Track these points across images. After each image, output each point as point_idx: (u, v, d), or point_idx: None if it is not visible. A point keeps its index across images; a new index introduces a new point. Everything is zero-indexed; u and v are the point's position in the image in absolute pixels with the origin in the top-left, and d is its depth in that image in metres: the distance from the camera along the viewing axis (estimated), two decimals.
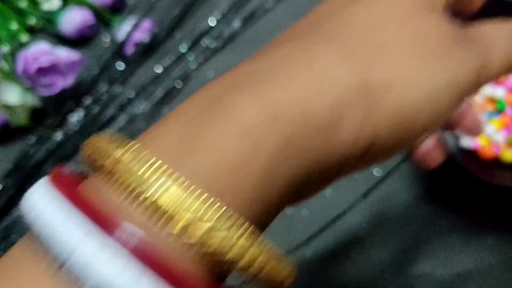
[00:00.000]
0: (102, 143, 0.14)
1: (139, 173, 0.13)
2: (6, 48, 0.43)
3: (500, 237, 0.44)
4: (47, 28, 0.48)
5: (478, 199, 0.44)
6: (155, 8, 0.48)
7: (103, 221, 0.12)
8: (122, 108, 0.46)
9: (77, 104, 0.45)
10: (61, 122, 0.45)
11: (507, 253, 0.44)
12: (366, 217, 0.44)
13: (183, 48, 0.48)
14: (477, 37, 0.18)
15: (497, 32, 0.18)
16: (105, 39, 0.47)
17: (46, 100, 0.45)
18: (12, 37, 0.45)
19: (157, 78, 0.47)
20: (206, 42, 0.48)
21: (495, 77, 0.17)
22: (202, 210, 0.12)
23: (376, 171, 0.45)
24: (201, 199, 0.13)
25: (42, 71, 0.41)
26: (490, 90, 0.45)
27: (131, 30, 0.46)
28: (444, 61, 0.16)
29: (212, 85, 0.16)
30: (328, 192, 0.44)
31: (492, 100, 0.45)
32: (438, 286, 0.42)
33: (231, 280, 0.14)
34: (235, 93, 0.14)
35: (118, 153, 0.13)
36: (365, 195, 0.44)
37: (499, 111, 0.45)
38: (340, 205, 0.44)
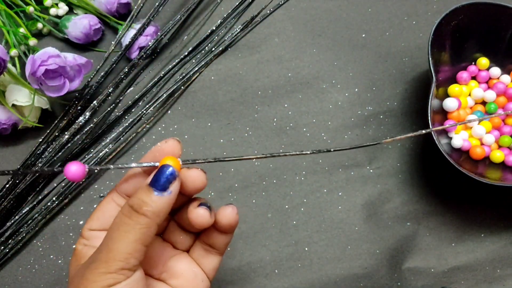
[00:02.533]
0: None
1: None
2: (15, 52, 0.44)
3: (492, 233, 0.45)
4: (54, 33, 0.49)
5: (470, 196, 0.46)
6: (159, 14, 0.49)
7: None
8: (127, 109, 0.47)
9: (84, 105, 0.46)
10: (68, 123, 0.46)
11: (499, 248, 0.45)
12: (363, 214, 0.45)
13: (185, 52, 0.49)
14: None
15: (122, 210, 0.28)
16: (111, 43, 0.48)
17: (54, 101, 0.47)
18: (21, 41, 0.46)
19: (160, 80, 0.48)
20: (207, 46, 0.49)
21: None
22: None
23: (372, 170, 0.46)
24: None
25: (50, 74, 0.42)
26: (481, 93, 0.46)
27: (136, 34, 0.48)
28: None
29: None
30: (326, 192, 0.45)
31: (483, 102, 0.46)
32: (432, 281, 0.43)
33: None
34: None
35: None
36: (360, 193, 0.45)
37: (490, 113, 0.46)
38: (339, 205, 0.45)
